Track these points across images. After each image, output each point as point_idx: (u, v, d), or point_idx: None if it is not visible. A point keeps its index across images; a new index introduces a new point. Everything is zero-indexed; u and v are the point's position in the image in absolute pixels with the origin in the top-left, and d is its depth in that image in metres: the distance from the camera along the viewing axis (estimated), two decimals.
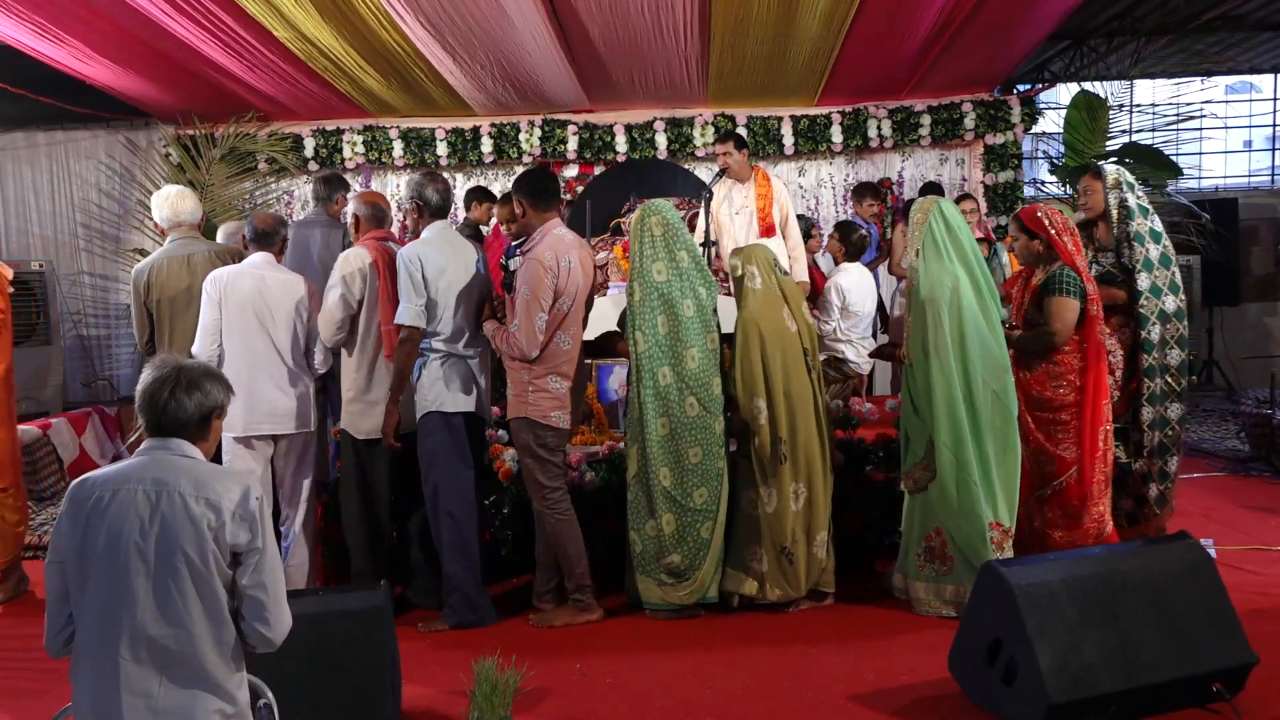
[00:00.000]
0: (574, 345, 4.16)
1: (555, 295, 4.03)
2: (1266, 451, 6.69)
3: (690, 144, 8.74)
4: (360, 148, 8.76)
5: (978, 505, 4.06)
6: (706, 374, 4.20)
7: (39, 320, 8.09)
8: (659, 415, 4.17)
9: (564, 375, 4.11)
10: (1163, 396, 4.60)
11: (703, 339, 4.22)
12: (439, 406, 4.16)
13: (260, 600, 2.18)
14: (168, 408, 2.20)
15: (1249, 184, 10.79)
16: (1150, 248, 4.57)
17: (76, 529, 2.12)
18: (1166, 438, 4.60)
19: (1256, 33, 8.82)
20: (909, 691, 3.51)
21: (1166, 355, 4.59)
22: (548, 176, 4.36)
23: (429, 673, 3.77)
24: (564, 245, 4.11)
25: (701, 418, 4.17)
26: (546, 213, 4.17)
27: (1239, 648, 3.25)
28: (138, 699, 2.07)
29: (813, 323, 4.46)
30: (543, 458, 4.13)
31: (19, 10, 6.04)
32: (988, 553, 4.03)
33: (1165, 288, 4.58)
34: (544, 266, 4.00)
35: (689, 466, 4.17)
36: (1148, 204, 4.66)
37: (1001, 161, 8.69)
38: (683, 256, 4.26)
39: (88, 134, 8.94)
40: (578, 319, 4.18)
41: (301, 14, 6.26)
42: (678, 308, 4.19)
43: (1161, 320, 4.57)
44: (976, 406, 4.10)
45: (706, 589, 4.23)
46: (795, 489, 4.23)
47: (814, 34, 6.97)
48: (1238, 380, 9.40)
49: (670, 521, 4.18)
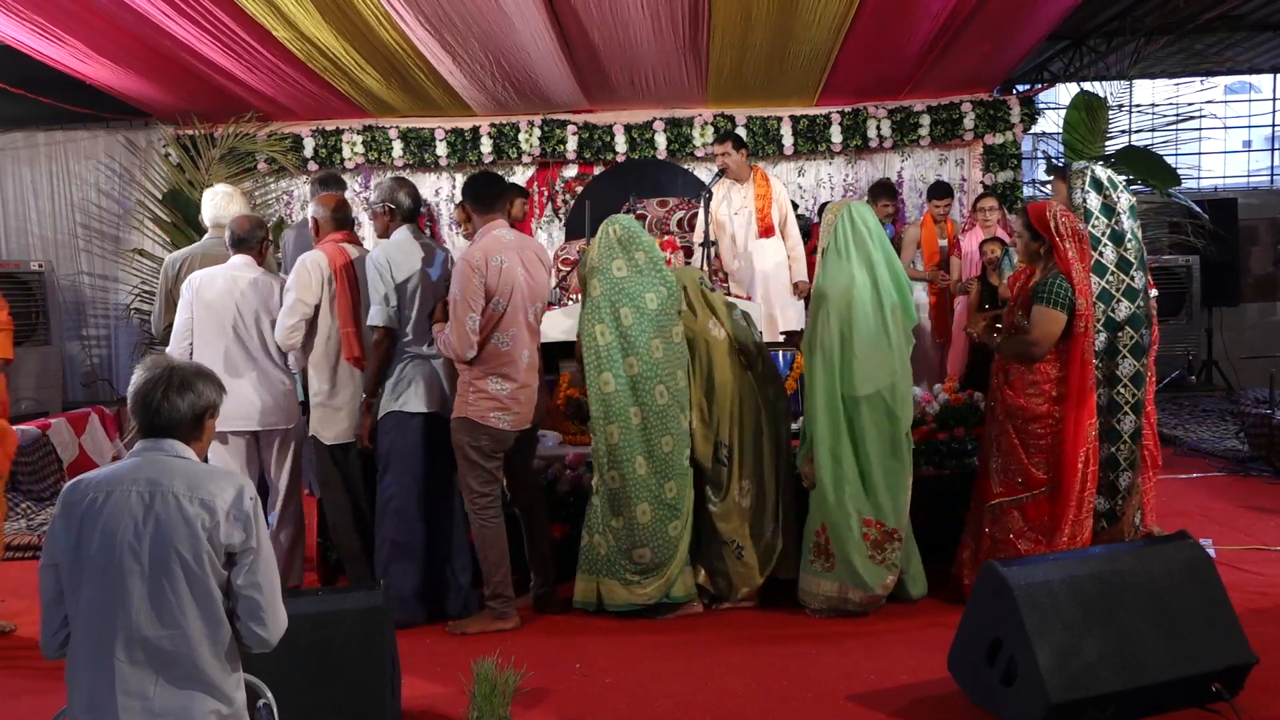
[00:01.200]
0: (515, 346, 4.13)
1: (487, 296, 4.04)
2: (1266, 451, 6.69)
3: (690, 144, 8.73)
4: (360, 148, 8.76)
5: (849, 500, 4.12)
6: (673, 365, 4.23)
7: (38, 320, 8.09)
8: (632, 403, 4.19)
9: (505, 377, 4.10)
10: (1113, 408, 4.26)
11: (668, 331, 4.25)
12: (400, 406, 4.20)
13: (255, 600, 2.17)
14: (160, 408, 2.19)
15: (1248, 184, 10.79)
16: (1106, 251, 4.26)
17: (70, 531, 2.12)
18: (1118, 451, 4.27)
19: (1256, 33, 8.82)
20: (909, 691, 3.51)
21: (1118, 365, 4.26)
22: (490, 180, 4.37)
23: (429, 673, 3.77)
24: (499, 246, 4.11)
25: (671, 407, 4.21)
26: (489, 215, 4.22)
27: (1238, 648, 3.25)
28: (133, 700, 2.07)
29: (743, 325, 4.51)
30: (474, 460, 4.11)
31: (19, 10, 6.04)
32: (859, 551, 4.10)
33: (1118, 293, 4.25)
34: (472, 268, 4.01)
35: (661, 455, 4.20)
36: (1123, 204, 4.34)
37: (1001, 162, 8.69)
38: (640, 257, 4.30)
39: (87, 134, 8.94)
40: (517, 320, 4.13)
41: (301, 14, 6.26)
42: (640, 301, 4.23)
43: (1110, 328, 4.24)
44: (859, 407, 4.12)
45: (672, 585, 4.24)
46: (742, 486, 4.33)
47: (813, 34, 6.97)
48: (1237, 380, 9.40)
49: (645, 511, 4.18)
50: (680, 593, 4.26)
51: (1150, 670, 3.13)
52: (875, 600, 4.18)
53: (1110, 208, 4.29)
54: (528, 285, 4.17)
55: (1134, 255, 4.27)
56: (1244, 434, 7.15)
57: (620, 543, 4.22)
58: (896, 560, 4.18)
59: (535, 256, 4.28)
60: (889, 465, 4.16)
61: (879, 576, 4.15)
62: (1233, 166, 11.01)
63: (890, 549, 4.15)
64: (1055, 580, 3.21)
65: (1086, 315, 4.09)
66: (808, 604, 4.26)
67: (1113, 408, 4.26)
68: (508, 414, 4.10)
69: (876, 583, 4.14)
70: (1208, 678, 3.19)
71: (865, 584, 4.13)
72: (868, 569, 4.13)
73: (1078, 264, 4.10)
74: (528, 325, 4.20)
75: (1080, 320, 4.07)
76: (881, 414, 4.14)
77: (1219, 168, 10.92)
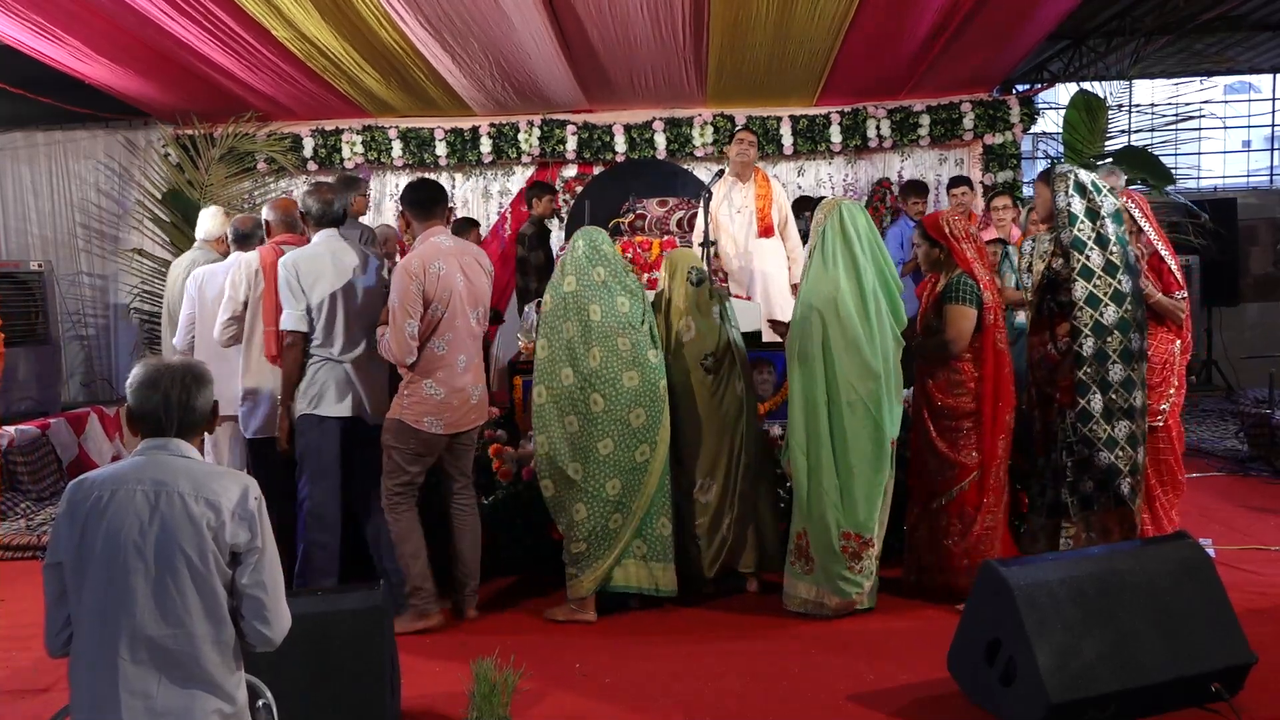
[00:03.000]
0: (451, 352, 4.15)
1: (425, 302, 4.07)
2: (1265, 451, 6.69)
3: (689, 144, 8.74)
4: (359, 148, 8.76)
5: (828, 512, 4.14)
6: (614, 371, 4.27)
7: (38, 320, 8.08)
8: (569, 412, 4.26)
9: (440, 381, 4.14)
10: (1106, 415, 4.19)
11: (612, 340, 4.29)
12: (312, 409, 4.23)
13: (260, 599, 2.17)
14: (194, 404, 2.21)
15: (1248, 184, 10.80)
16: (1092, 254, 4.18)
17: (75, 530, 2.12)
18: (1117, 459, 4.19)
19: (1255, 32, 8.83)
20: (908, 691, 3.51)
21: (1108, 371, 4.17)
22: (428, 187, 4.37)
23: (428, 672, 3.77)
24: (437, 253, 4.14)
25: (610, 412, 4.25)
26: (428, 222, 4.26)
27: (1238, 647, 3.25)
28: (136, 699, 2.07)
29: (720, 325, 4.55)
30: (399, 462, 4.17)
31: (18, 9, 6.04)
32: (839, 561, 4.14)
33: (1106, 297, 4.17)
34: (409, 274, 4.05)
35: (600, 459, 4.24)
36: (1107, 208, 4.27)
37: (1000, 161, 8.69)
38: (598, 272, 4.39)
39: (86, 134, 8.94)
40: (455, 325, 4.16)
41: (300, 13, 6.26)
42: (584, 314, 4.31)
43: (1097, 333, 4.17)
44: (841, 415, 4.13)
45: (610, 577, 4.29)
46: (702, 483, 4.44)
47: (813, 34, 6.97)
48: (1236, 380, 9.41)
49: (580, 510, 4.27)
50: (621, 581, 4.31)
51: (1149, 670, 3.14)
52: (850, 605, 4.22)
53: (1095, 212, 4.23)
54: (467, 291, 4.20)
55: (1119, 258, 4.20)
56: (1243, 434, 7.16)
57: (567, 534, 4.31)
58: (873, 569, 4.23)
59: (475, 262, 4.31)
60: (868, 476, 4.15)
61: (856, 585, 4.19)
62: (1232, 166, 11.02)
63: (867, 558, 4.19)
64: (1055, 580, 3.21)
65: (994, 307, 4.21)
66: (787, 605, 4.31)
67: (1106, 415, 4.19)
68: (441, 418, 4.14)
69: (853, 590, 4.19)
70: (1207, 677, 3.19)
71: (842, 591, 4.18)
72: (845, 578, 4.17)
73: (977, 262, 4.25)
74: (467, 330, 4.23)
75: (989, 313, 4.20)
76: (866, 422, 4.13)
77: (1218, 167, 10.93)
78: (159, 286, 8.19)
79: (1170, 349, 4.53)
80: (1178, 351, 4.55)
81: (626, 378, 4.27)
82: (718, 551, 4.49)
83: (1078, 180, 4.28)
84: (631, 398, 4.27)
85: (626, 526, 4.27)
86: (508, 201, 8.97)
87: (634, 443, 4.27)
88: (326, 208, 4.34)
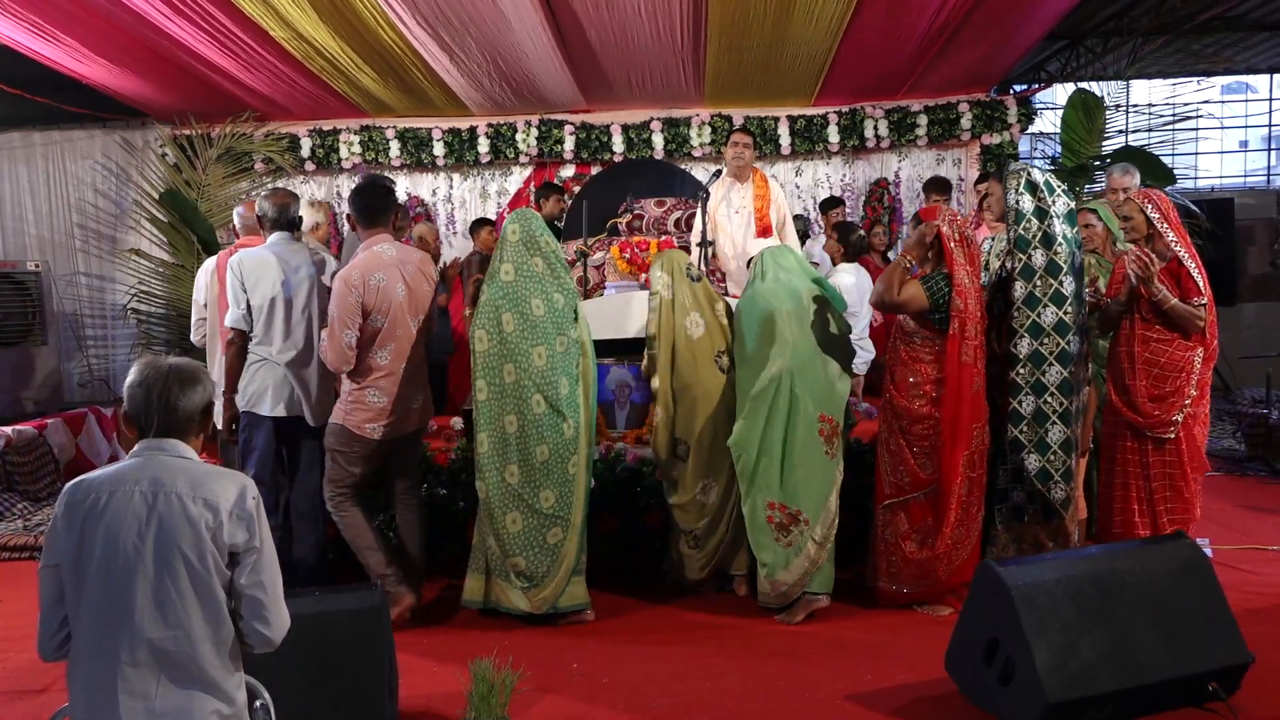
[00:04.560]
0: (394, 360, 4.18)
1: (365, 313, 4.09)
2: (1263, 451, 6.71)
3: (687, 144, 8.74)
4: (357, 148, 8.75)
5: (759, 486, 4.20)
6: (555, 373, 4.23)
7: (35, 320, 8.08)
8: (508, 412, 4.20)
9: (382, 390, 4.17)
10: (1040, 418, 4.13)
11: (553, 340, 4.25)
12: (250, 407, 4.31)
13: (259, 600, 2.17)
14: (178, 405, 2.21)
15: (1245, 184, 10.82)
16: (1035, 254, 4.13)
17: (73, 531, 2.11)
18: (1049, 463, 4.13)
19: (1253, 33, 8.84)
20: (907, 691, 3.52)
21: (1043, 373, 4.10)
22: (375, 193, 4.34)
23: (426, 673, 3.77)
24: (379, 263, 4.15)
25: (549, 416, 4.21)
26: (371, 229, 4.27)
27: (1235, 647, 3.26)
28: (135, 700, 2.06)
29: (725, 324, 4.56)
30: (341, 465, 4.22)
31: (15, 9, 6.04)
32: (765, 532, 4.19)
33: (1045, 298, 4.10)
34: (349, 286, 4.08)
35: (536, 464, 4.20)
36: (1058, 208, 4.20)
37: (998, 162, 8.66)
38: (536, 262, 4.33)
39: (84, 134, 8.92)
40: (396, 334, 4.18)
41: (298, 13, 6.25)
42: (525, 307, 4.23)
43: (1033, 334, 4.10)
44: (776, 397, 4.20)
45: (559, 597, 4.24)
46: (704, 484, 4.45)
47: (810, 34, 6.97)
48: (1234, 380, 9.41)
49: (516, 520, 4.21)
50: (568, 603, 4.27)
51: (1147, 670, 3.14)
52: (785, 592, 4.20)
53: (1044, 211, 4.18)
54: (408, 300, 4.22)
55: (1064, 260, 4.13)
56: (1241, 434, 7.17)
57: (501, 546, 4.24)
58: (803, 545, 4.18)
59: (417, 271, 4.30)
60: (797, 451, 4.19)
61: (782, 559, 4.17)
62: (1229, 166, 11.03)
63: (796, 532, 4.17)
64: (1052, 580, 3.21)
65: (963, 316, 4.09)
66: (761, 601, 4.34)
67: (1039, 417, 4.13)
68: (382, 424, 4.18)
69: (779, 565, 4.17)
70: (1205, 677, 3.19)
71: (770, 567, 4.18)
72: (774, 552, 4.18)
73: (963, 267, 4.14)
74: (409, 338, 4.25)
75: (955, 319, 4.09)
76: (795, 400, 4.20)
77: (1216, 168, 10.94)
78: (156, 287, 8.19)
79: (1187, 357, 4.25)
80: (1198, 360, 4.26)
81: (563, 384, 4.26)
82: (711, 554, 4.49)
83: (1029, 179, 4.24)
84: (567, 405, 4.25)
85: (567, 541, 4.23)
86: (505, 201, 8.97)
87: (566, 453, 4.24)
88: (281, 212, 4.45)
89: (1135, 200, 4.35)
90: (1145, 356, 4.28)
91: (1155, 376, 4.26)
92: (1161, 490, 4.29)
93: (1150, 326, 4.28)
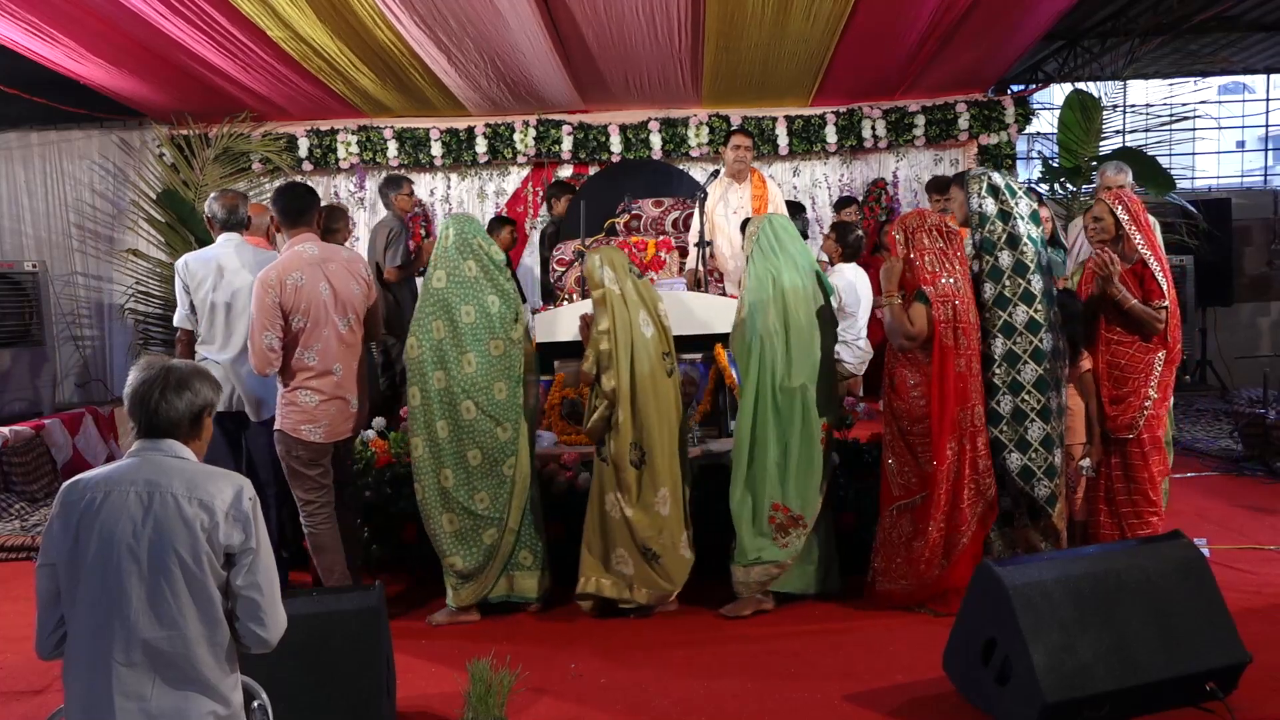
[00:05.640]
0: (323, 360, 4.12)
1: (286, 314, 4.05)
2: (1260, 451, 6.71)
3: (685, 144, 8.74)
4: (354, 148, 8.75)
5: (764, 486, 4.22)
6: (487, 380, 4.24)
7: (32, 321, 8.06)
8: (439, 417, 4.23)
9: (314, 390, 4.12)
10: (1019, 415, 4.14)
11: (484, 345, 4.25)
12: None
13: (255, 601, 2.17)
14: (159, 408, 2.20)
15: (1242, 184, 10.82)
16: (1002, 255, 4.16)
17: (68, 531, 2.11)
18: (1030, 461, 4.13)
19: (1250, 33, 8.85)
20: (904, 691, 3.52)
21: (1019, 371, 4.13)
22: (296, 194, 4.33)
23: (424, 673, 3.77)
24: (298, 263, 4.11)
25: (480, 421, 4.23)
26: (294, 229, 4.26)
27: (1232, 647, 3.26)
28: (131, 701, 2.06)
29: (668, 325, 4.47)
30: (297, 470, 4.17)
31: (12, 9, 6.03)
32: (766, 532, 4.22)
33: (1015, 297, 4.13)
34: (266, 286, 4.05)
35: (470, 468, 4.24)
36: (1021, 209, 4.23)
37: (996, 162, 8.70)
38: (469, 266, 4.31)
39: (81, 134, 8.92)
40: (322, 335, 4.12)
41: (296, 13, 6.25)
42: (456, 314, 4.24)
43: (1006, 333, 4.13)
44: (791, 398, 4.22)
45: (488, 590, 4.31)
46: (660, 493, 4.27)
47: (808, 34, 6.98)
48: (1231, 380, 9.43)
49: (452, 521, 4.25)
50: (497, 595, 4.34)
51: (1145, 669, 3.14)
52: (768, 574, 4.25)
53: (1007, 213, 4.21)
54: (333, 299, 4.15)
55: (1031, 259, 4.16)
56: (1238, 433, 7.17)
57: (438, 547, 4.28)
58: (798, 546, 4.25)
59: (343, 269, 4.24)
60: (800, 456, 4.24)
61: (775, 555, 4.24)
62: (1227, 166, 11.04)
63: (794, 534, 4.24)
64: (1050, 580, 3.21)
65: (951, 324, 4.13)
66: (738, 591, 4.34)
67: (1018, 415, 4.15)
68: (317, 426, 4.13)
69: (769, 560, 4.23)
70: (1202, 677, 3.19)
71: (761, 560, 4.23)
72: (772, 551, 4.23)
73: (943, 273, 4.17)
74: (337, 338, 4.17)
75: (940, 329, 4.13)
76: (807, 407, 4.24)
77: (1213, 168, 10.95)
78: (154, 287, 8.19)
79: (1147, 359, 4.27)
80: (1159, 363, 4.28)
81: (497, 389, 4.25)
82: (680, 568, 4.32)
83: (990, 183, 4.29)
84: (501, 410, 4.25)
85: (502, 540, 4.27)
86: (503, 202, 8.97)
87: (501, 456, 4.26)
88: (230, 213, 4.57)
89: (1105, 201, 4.37)
90: (1106, 358, 4.34)
91: (1115, 378, 4.32)
92: (1123, 491, 4.34)
93: (1112, 328, 4.33)
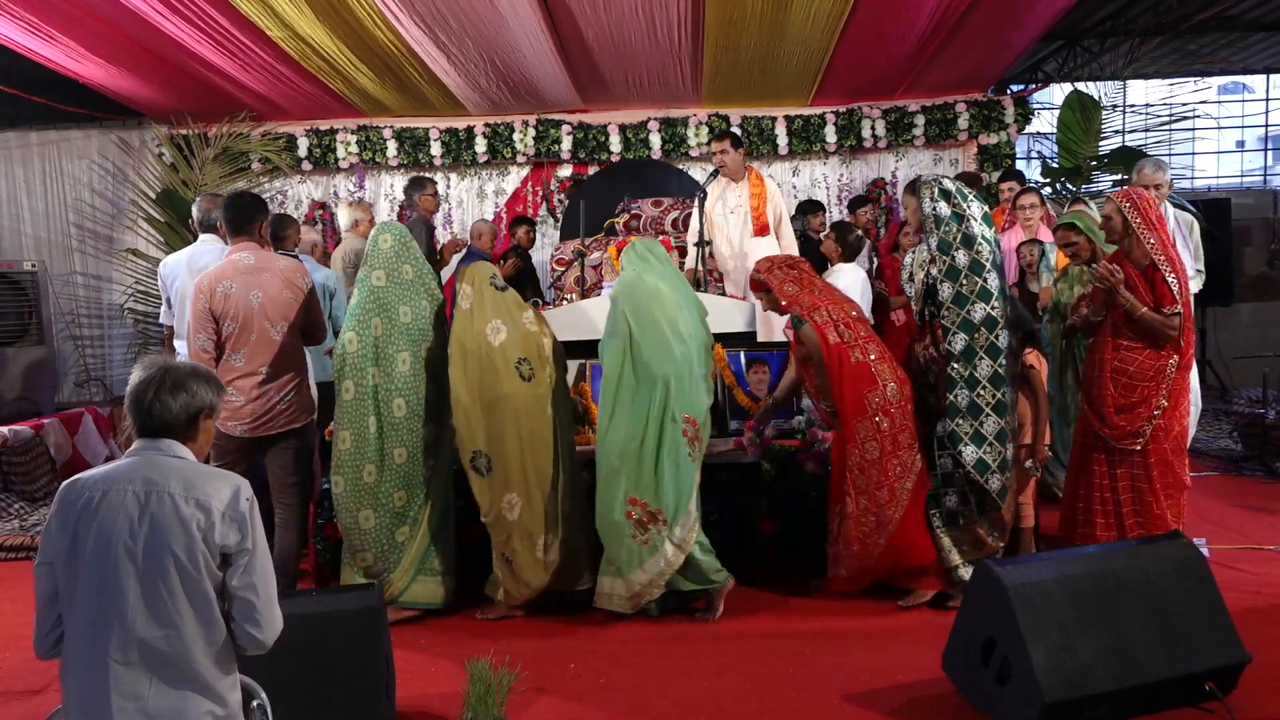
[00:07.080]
0: (249, 363, 4.23)
1: (217, 319, 4.21)
2: (1260, 451, 6.70)
3: (684, 144, 8.75)
4: (354, 148, 8.75)
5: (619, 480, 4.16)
6: (418, 379, 4.32)
7: (31, 320, 8.07)
8: (370, 413, 4.27)
9: (238, 389, 4.24)
10: (974, 410, 4.17)
11: (417, 346, 4.35)
12: None
13: (251, 602, 2.17)
14: (153, 408, 2.21)
15: (1242, 184, 10.83)
16: (958, 255, 4.20)
17: (66, 530, 2.11)
18: (985, 454, 4.17)
19: (1249, 33, 8.85)
20: (903, 691, 3.52)
21: (975, 367, 4.18)
22: (240, 204, 4.43)
23: (423, 673, 3.77)
24: (232, 272, 4.25)
25: (409, 420, 4.30)
26: (238, 237, 4.37)
27: (1232, 647, 3.26)
28: (128, 701, 2.06)
29: (533, 332, 4.45)
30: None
31: (12, 9, 6.03)
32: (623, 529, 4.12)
33: (973, 295, 4.18)
34: (199, 292, 4.23)
35: (394, 465, 4.28)
36: (974, 210, 4.27)
37: (995, 162, 8.70)
38: (406, 270, 4.42)
39: (80, 133, 8.92)
40: (249, 340, 4.22)
41: (295, 13, 6.25)
42: (393, 313, 4.33)
43: (966, 329, 4.18)
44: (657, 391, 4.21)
45: (400, 593, 4.31)
46: (509, 499, 4.25)
47: (807, 34, 6.98)
48: (1230, 380, 9.43)
49: (369, 518, 4.28)
50: (408, 599, 4.34)
51: (1144, 669, 3.14)
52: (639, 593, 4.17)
53: (960, 215, 4.25)
54: (263, 307, 4.25)
55: (986, 258, 4.21)
56: (1237, 433, 7.17)
57: (351, 541, 4.31)
58: (660, 544, 4.14)
59: (277, 278, 4.31)
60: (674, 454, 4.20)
61: (636, 558, 4.13)
62: (1226, 166, 11.05)
63: (654, 531, 4.14)
64: (1049, 580, 3.21)
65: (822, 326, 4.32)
66: (597, 603, 4.26)
67: (974, 410, 4.18)
68: (241, 423, 4.25)
69: (633, 564, 4.13)
70: (1202, 677, 3.19)
71: (623, 565, 4.15)
72: (629, 549, 4.13)
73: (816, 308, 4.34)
74: (267, 343, 4.26)
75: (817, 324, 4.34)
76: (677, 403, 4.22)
77: (1213, 168, 10.96)
78: (153, 287, 8.19)
79: (1159, 365, 4.19)
80: (1172, 369, 4.19)
81: (428, 389, 4.33)
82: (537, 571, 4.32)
83: (942, 187, 4.35)
84: (430, 411, 4.33)
85: (414, 540, 4.31)
86: (503, 201, 8.97)
87: (425, 456, 4.33)
88: (205, 215, 4.95)
89: (1114, 200, 4.31)
90: (1114, 364, 4.26)
91: (1123, 385, 4.23)
92: (1129, 504, 4.25)
93: (1121, 334, 4.27)
